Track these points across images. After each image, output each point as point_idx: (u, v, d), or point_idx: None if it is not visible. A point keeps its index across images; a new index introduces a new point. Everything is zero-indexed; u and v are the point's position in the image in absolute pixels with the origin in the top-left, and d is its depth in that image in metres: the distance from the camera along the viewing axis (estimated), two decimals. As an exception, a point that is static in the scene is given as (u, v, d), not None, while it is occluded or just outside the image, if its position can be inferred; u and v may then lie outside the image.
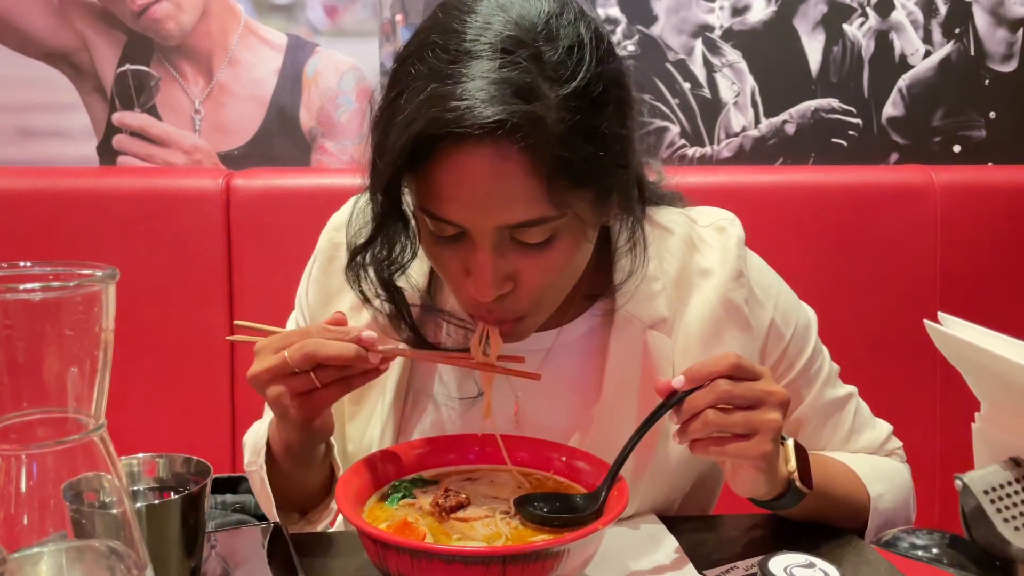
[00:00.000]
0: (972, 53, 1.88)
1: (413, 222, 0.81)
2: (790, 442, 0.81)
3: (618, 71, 0.77)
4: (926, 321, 0.64)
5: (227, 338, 0.86)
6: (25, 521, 0.45)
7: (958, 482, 0.59)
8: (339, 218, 0.98)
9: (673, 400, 0.75)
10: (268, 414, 1.04)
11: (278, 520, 0.88)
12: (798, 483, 0.79)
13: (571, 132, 0.71)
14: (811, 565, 0.66)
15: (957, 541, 0.63)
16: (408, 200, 0.80)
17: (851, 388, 1.02)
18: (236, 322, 0.85)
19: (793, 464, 0.79)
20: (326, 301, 0.95)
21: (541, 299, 0.80)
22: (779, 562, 0.66)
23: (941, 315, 0.63)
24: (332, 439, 0.88)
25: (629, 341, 0.89)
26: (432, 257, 0.81)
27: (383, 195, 0.77)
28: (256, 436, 0.91)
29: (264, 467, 0.87)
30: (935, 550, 0.63)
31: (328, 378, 0.76)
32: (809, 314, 0.99)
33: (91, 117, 1.77)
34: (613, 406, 0.89)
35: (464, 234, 0.75)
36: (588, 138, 0.72)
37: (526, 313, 0.80)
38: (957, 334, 0.61)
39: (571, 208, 0.74)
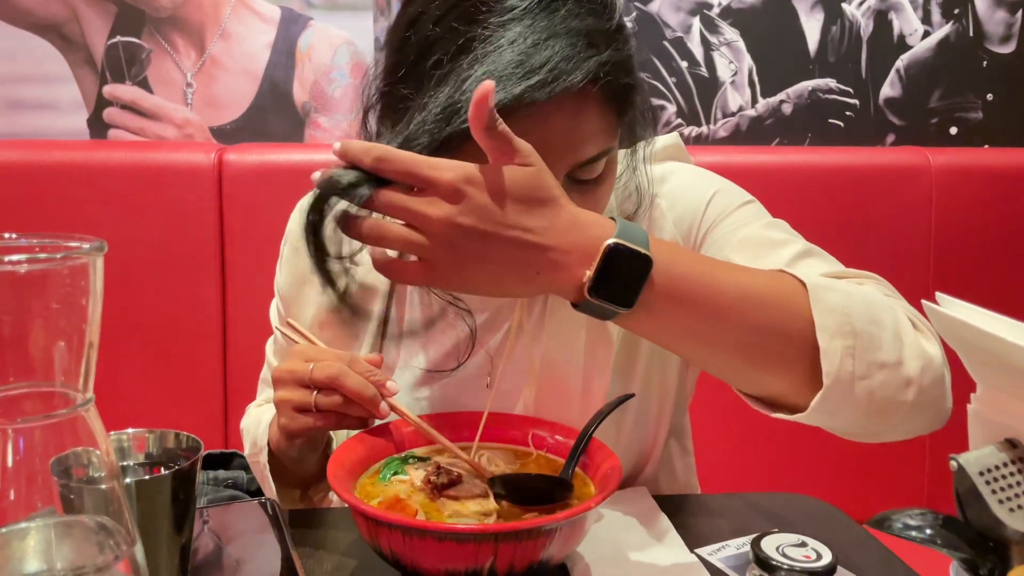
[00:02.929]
0: (971, 34, 1.87)
1: None
2: (605, 243, 0.63)
3: None
4: (924, 302, 0.63)
5: (276, 326, 0.87)
6: (12, 496, 0.45)
7: (953, 463, 0.59)
8: (307, 199, 0.97)
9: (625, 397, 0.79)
10: (260, 397, 1.04)
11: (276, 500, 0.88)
12: (587, 295, 0.63)
13: (628, 62, 0.74)
14: (803, 544, 0.66)
15: (950, 522, 0.63)
16: None
17: (809, 245, 0.84)
18: (290, 320, 0.87)
19: (590, 272, 0.63)
20: (300, 282, 0.94)
21: None
22: (771, 541, 0.66)
23: (939, 295, 0.63)
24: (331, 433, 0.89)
25: None
26: None
27: None
28: (256, 428, 0.92)
29: (268, 466, 0.88)
30: (928, 531, 0.62)
31: (326, 405, 0.76)
32: (746, 196, 0.91)
33: (81, 89, 1.75)
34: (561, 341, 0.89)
35: None
36: (632, 64, 0.75)
37: None
38: (955, 315, 0.61)
39: (618, 133, 0.77)
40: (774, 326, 0.67)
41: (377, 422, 0.81)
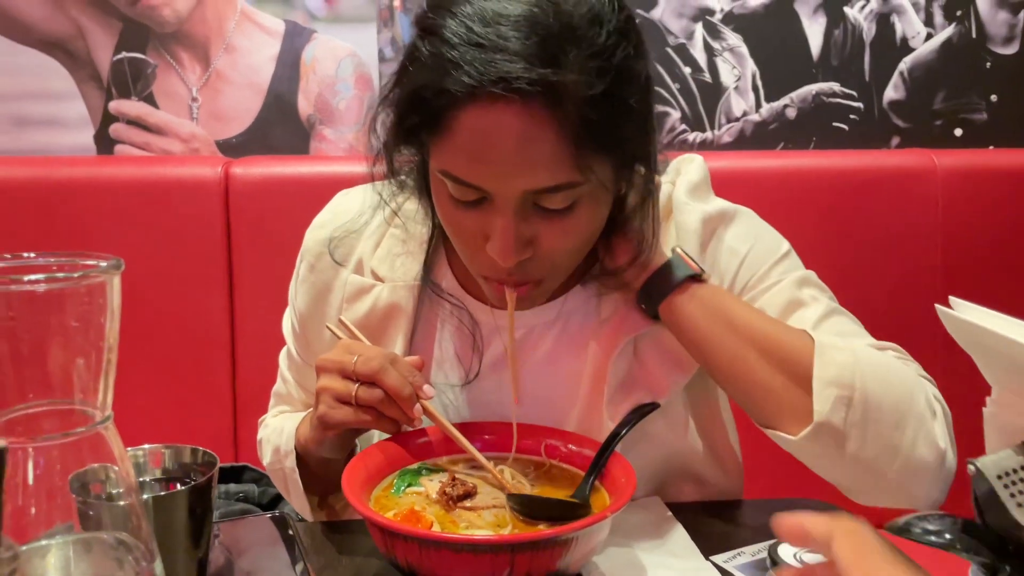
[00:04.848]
0: (974, 36, 1.87)
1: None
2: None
3: (639, 41, 0.76)
4: (937, 306, 0.63)
5: (327, 324, 0.88)
6: (32, 513, 0.45)
7: (971, 467, 0.59)
8: (323, 216, 0.97)
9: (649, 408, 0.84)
10: (274, 410, 1.03)
11: (309, 517, 0.91)
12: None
13: (600, 98, 0.70)
14: (820, 551, 0.65)
15: (970, 526, 0.63)
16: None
17: (831, 305, 0.89)
18: (340, 318, 0.88)
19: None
20: (318, 299, 0.94)
21: (558, 264, 0.80)
22: (788, 547, 0.66)
23: (952, 299, 0.63)
24: (356, 440, 0.89)
25: (622, 305, 0.89)
26: (449, 222, 0.80)
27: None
28: (279, 436, 0.92)
29: (296, 469, 0.88)
30: (948, 535, 0.62)
31: (366, 399, 0.77)
32: (782, 246, 0.94)
33: (88, 106, 1.75)
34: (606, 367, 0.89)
35: (486, 199, 0.75)
36: (615, 105, 0.72)
37: (543, 277, 0.81)
38: (969, 318, 0.61)
39: (594, 174, 0.73)
40: (780, 364, 0.79)
41: (405, 428, 0.82)
